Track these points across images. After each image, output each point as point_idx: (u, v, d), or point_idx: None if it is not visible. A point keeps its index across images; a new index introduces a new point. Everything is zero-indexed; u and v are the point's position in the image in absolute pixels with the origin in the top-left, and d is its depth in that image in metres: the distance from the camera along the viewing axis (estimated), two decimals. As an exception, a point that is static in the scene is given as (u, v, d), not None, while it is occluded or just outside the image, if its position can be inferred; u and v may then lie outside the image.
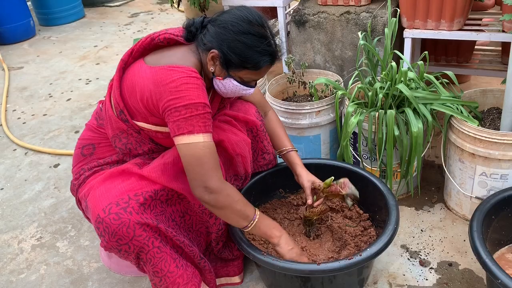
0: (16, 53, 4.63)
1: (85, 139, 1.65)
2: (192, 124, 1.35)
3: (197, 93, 1.35)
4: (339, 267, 1.43)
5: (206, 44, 1.43)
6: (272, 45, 1.45)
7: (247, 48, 1.40)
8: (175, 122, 1.35)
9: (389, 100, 1.91)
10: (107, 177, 1.47)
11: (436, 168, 2.32)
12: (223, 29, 1.41)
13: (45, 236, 2.15)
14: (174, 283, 1.48)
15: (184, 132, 1.35)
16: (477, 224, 1.52)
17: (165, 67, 1.38)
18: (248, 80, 1.50)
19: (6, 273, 1.96)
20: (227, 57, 1.41)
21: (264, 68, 1.46)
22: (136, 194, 1.39)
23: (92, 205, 1.39)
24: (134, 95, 1.44)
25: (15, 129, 3.14)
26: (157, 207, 1.44)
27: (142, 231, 1.37)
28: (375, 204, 1.77)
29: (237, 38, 1.39)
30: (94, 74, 3.96)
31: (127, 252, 1.40)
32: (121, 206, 1.36)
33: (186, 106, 1.33)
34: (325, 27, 2.40)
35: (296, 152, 1.79)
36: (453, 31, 2.10)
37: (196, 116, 1.35)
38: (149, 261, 1.43)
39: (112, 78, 1.55)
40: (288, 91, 2.49)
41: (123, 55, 1.52)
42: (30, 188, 2.50)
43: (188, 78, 1.35)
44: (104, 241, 1.38)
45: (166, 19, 5.28)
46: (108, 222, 1.34)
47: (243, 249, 1.55)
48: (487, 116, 2.01)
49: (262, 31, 1.43)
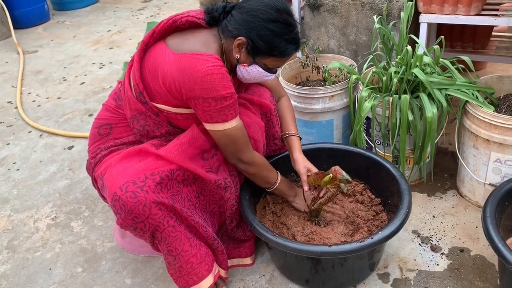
0: (30, 37, 4.67)
1: (102, 118, 1.66)
2: (225, 114, 1.43)
3: (222, 84, 1.38)
4: (350, 250, 1.43)
5: (232, 31, 1.44)
6: (298, 33, 1.49)
7: (276, 36, 1.43)
8: (205, 111, 1.42)
9: (403, 85, 1.89)
10: (124, 156, 1.48)
11: (450, 155, 2.31)
12: (251, 17, 1.42)
13: (60, 216, 2.18)
14: (188, 262, 1.50)
15: (219, 121, 1.44)
16: (490, 210, 1.51)
17: (188, 55, 1.38)
18: (272, 67, 1.53)
19: (22, 250, 2.00)
20: (255, 45, 1.43)
21: (289, 55, 1.50)
22: (152, 173, 1.41)
23: (109, 183, 1.41)
24: (156, 78, 1.45)
25: (30, 112, 3.18)
26: (174, 187, 1.46)
27: (158, 210, 1.39)
28: (387, 189, 1.77)
29: (266, 26, 1.41)
30: (107, 58, 3.98)
31: (142, 230, 1.42)
32: (138, 185, 1.37)
33: (215, 98, 1.38)
34: (340, 11, 2.38)
35: (297, 138, 1.79)
36: (470, 16, 2.06)
37: (227, 107, 1.42)
38: (163, 239, 1.45)
39: (132, 58, 1.56)
40: (301, 75, 2.47)
41: (144, 36, 1.53)
42: (45, 169, 2.54)
43: (213, 68, 1.36)
44: (120, 218, 1.39)
45: (179, 4, 5.27)
46: (125, 200, 1.36)
47: (254, 230, 1.56)
48: (503, 102, 1.99)
49: (289, 19, 1.45)
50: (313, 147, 1.94)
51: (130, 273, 1.83)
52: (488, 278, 1.65)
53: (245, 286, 1.73)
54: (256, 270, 1.78)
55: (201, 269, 1.53)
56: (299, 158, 1.73)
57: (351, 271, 1.63)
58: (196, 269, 1.52)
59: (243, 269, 1.79)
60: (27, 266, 1.91)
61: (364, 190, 1.90)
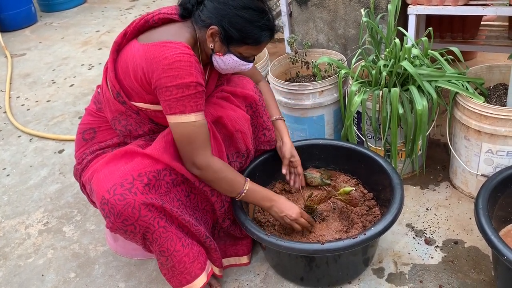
0: (18, 40, 4.62)
1: (85, 123, 1.65)
2: (183, 105, 1.37)
3: (189, 71, 1.35)
4: (343, 247, 1.43)
5: (205, 20, 1.41)
6: (271, 19, 1.45)
7: (248, 23, 1.40)
8: (166, 101, 1.37)
9: (393, 78, 1.88)
10: (110, 159, 1.46)
11: (442, 146, 2.30)
12: (222, 5, 1.39)
13: (52, 221, 2.16)
14: (181, 262, 1.49)
15: (176, 112, 1.38)
16: (482, 201, 1.50)
17: (157, 43, 1.36)
18: (248, 55, 1.50)
19: (14, 257, 1.98)
20: (228, 33, 1.40)
21: (264, 43, 1.46)
22: (139, 175, 1.39)
23: (96, 187, 1.39)
24: (129, 75, 1.43)
25: (19, 116, 3.15)
26: (162, 187, 1.44)
27: (148, 211, 1.37)
28: (379, 183, 1.76)
29: (237, 13, 1.38)
30: (96, 59, 3.94)
31: (133, 233, 1.40)
32: (125, 187, 1.36)
33: (178, 86, 1.34)
34: (328, 5, 2.36)
35: (283, 121, 1.83)
36: (458, 6, 2.04)
37: (188, 97, 1.36)
38: (155, 240, 1.44)
39: (107, 61, 1.54)
40: (291, 71, 2.46)
41: (116, 37, 1.50)
42: (36, 174, 2.52)
43: (180, 55, 1.34)
44: (109, 222, 1.38)
45: (168, 2, 5.23)
46: (113, 203, 1.34)
47: (247, 230, 1.55)
48: (493, 92, 1.98)
49: (261, 5, 1.43)
50: (304, 144, 1.93)
51: (124, 276, 1.82)
52: (482, 270, 1.65)
53: (239, 285, 1.72)
54: (250, 270, 1.77)
55: (194, 268, 1.52)
56: (288, 142, 1.78)
57: (346, 267, 1.62)
58: (189, 268, 1.52)
59: (238, 268, 1.78)
60: (19, 273, 1.89)
61: (356, 185, 1.89)
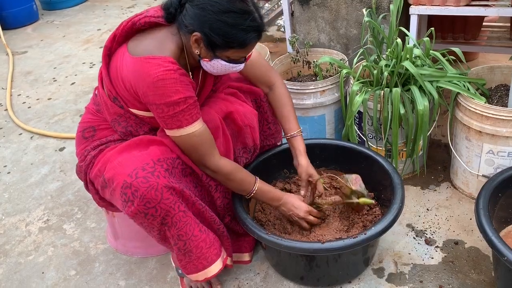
0: (19, 37, 4.62)
1: (86, 122, 1.64)
2: (179, 120, 1.38)
3: (175, 89, 1.33)
4: (344, 246, 1.43)
5: (188, 26, 1.36)
6: (256, 19, 1.37)
7: (230, 28, 1.33)
8: (160, 118, 1.39)
9: (394, 78, 1.88)
10: (124, 148, 1.47)
11: (443, 147, 2.30)
12: (201, 10, 1.33)
13: (52, 218, 2.16)
14: (198, 247, 1.50)
15: (173, 127, 1.40)
16: (483, 202, 1.50)
17: (141, 59, 1.35)
18: (236, 58, 1.44)
19: (14, 255, 1.98)
20: (211, 39, 1.35)
21: (251, 44, 1.40)
22: (159, 160, 1.41)
23: (115, 174, 1.39)
24: (120, 84, 1.44)
25: (20, 114, 3.15)
26: (176, 175, 1.46)
27: (170, 194, 1.38)
28: (380, 183, 1.76)
29: (218, 19, 1.32)
30: (97, 57, 3.94)
31: (153, 216, 1.39)
32: (147, 171, 1.36)
33: (167, 104, 1.35)
34: (330, 4, 2.36)
35: (301, 137, 1.75)
36: (460, 7, 2.04)
37: (180, 112, 1.37)
38: (174, 224, 1.44)
39: (101, 66, 1.54)
40: (292, 71, 2.46)
41: (106, 41, 1.49)
42: (36, 171, 2.52)
43: (164, 73, 1.32)
44: (131, 206, 1.37)
45: (169, 1, 5.22)
46: (136, 186, 1.34)
47: (247, 229, 1.55)
48: (494, 93, 1.98)
49: (243, 6, 1.35)
50: (305, 143, 1.92)
51: (124, 274, 1.82)
52: (482, 270, 1.64)
53: (239, 284, 1.72)
54: (250, 268, 1.77)
55: (210, 253, 1.54)
56: (303, 162, 1.71)
57: (346, 267, 1.62)
58: (206, 254, 1.53)
59: (238, 267, 1.78)
60: (20, 271, 1.89)
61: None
